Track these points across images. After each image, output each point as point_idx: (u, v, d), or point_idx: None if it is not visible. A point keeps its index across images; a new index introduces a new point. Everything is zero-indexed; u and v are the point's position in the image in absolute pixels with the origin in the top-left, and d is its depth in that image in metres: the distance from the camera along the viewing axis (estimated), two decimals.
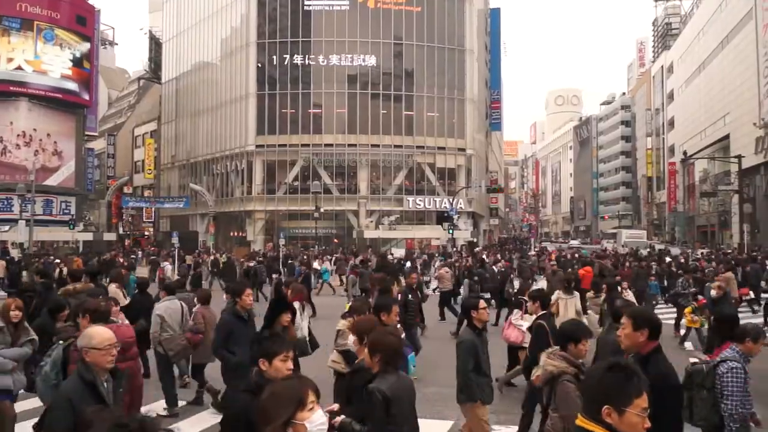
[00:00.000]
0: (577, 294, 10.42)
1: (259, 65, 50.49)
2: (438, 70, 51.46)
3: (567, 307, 9.98)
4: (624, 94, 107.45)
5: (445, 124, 51.68)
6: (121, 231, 53.20)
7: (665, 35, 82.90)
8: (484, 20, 63.92)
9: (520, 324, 8.73)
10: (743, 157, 43.19)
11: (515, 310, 9.30)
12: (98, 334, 3.87)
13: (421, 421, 4.18)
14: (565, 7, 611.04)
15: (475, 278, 16.63)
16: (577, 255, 31.29)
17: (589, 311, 10.65)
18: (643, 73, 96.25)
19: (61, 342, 5.16)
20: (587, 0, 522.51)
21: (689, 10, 71.90)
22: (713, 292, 11.93)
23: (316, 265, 26.53)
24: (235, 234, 53.44)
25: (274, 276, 23.03)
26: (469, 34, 53.27)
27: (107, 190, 54.83)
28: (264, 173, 50.67)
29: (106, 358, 3.78)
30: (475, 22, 55.10)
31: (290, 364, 3.49)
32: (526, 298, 8.81)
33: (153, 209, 58.48)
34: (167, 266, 24.45)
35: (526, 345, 7.83)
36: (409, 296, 11.05)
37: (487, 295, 15.68)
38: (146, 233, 59.38)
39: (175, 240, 31.07)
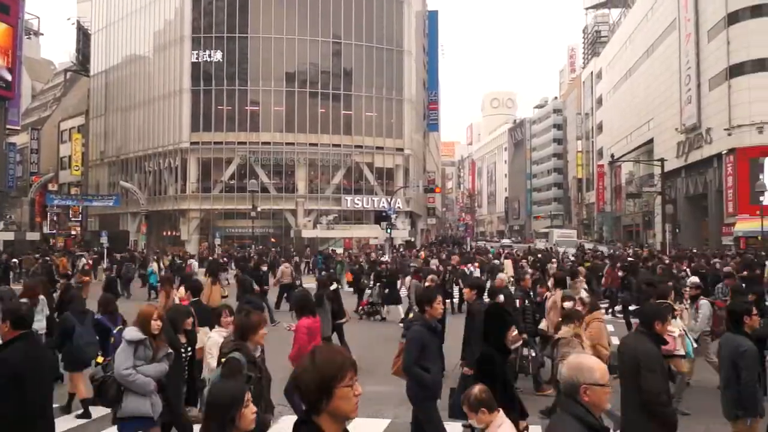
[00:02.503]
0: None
1: (194, 60, 49.29)
2: (376, 70, 51.69)
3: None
4: (556, 98, 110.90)
5: (384, 124, 51.98)
6: (45, 230, 50.80)
7: (595, 42, 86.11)
8: (422, 22, 64.62)
9: (672, 331, 7.61)
10: (666, 160, 45.44)
11: None
12: (599, 366, 2.97)
13: (359, 420, 4.21)
14: (501, 12, 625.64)
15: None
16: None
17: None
18: (573, 79, 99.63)
19: (221, 361, 4.57)
20: (522, 6, 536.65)
21: (617, 18, 74.93)
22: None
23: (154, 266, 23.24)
24: (169, 233, 52.00)
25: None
26: (407, 35, 53.76)
27: (30, 188, 52.20)
28: (199, 171, 49.50)
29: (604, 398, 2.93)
30: (413, 24, 55.65)
31: None
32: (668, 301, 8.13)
33: (80, 207, 56.06)
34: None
35: (679, 352, 7.37)
36: (526, 302, 9.95)
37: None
38: (73, 232, 56.87)
39: (104, 239, 29.99)
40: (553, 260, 20.68)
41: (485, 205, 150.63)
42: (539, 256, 25.75)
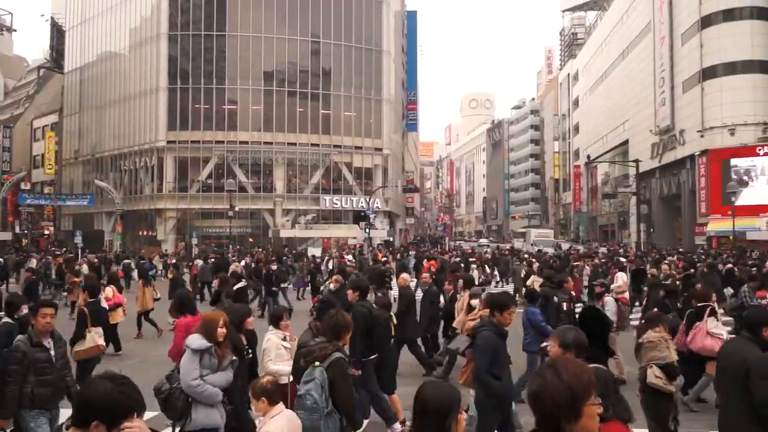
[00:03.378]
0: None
1: (170, 57, 48.78)
2: (355, 70, 51.64)
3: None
4: (533, 99, 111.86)
5: (362, 123, 51.95)
6: (17, 230, 49.91)
7: (571, 44, 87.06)
8: (400, 22, 64.71)
9: (720, 333, 7.69)
10: (640, 161, 46.19)
11: (710, 318, 7.89)
12: None
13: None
14: (479, 13, 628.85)
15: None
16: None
17: None
18: (550, 80, 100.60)
19: (317, 363, 4.33)
20: (501, 8, 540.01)
21: (594, 21, 75.88)
22: None
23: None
24: (145, 233, 51.38)
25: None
26: (386, 35, 53.80)
27: (2, 186, 51.19)
28: (176, 170, 48.98)
29: None
30: (392, 24, 55.71)
31: None
32: (712, 303, 8.16)
33: (54, 207, 55.17)
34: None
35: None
36: (563, 304, 9.57)
37: None
38: (46, 232, 55.93)
39: (78, 239, 29.53)
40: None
41: (463, 205, 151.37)
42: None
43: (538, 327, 8.20)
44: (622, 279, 15.07)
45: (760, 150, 38.70)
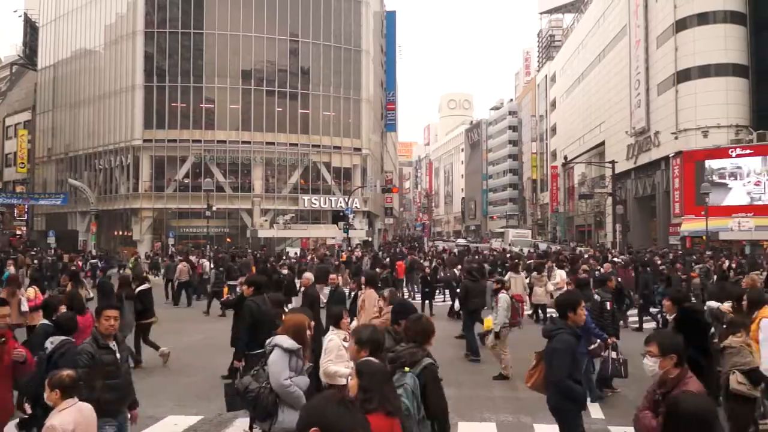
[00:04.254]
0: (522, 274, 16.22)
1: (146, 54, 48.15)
2: (334, 70, 51.51)
3: (516, 283, 14.69)
4: (512, 100, 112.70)
5: (341, 123, 51.85)
6: None
7: (549, 46, 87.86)
8: (380, 22, 64.71)
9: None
10: (616, 162, 46.71)
11: None
12: None
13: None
14: (458, 15, 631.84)
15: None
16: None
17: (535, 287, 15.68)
18: (528, 82, 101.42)
19: (407, 369, 4.13)
20: (479, 10, 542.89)
21: (571, 23, 76.63)
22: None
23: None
24: (120, 233, 50.68)
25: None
26: (365, 35, 53.76)
27: None
28: (152, 169, 48.37)
29: None
30: (371, 24, 55.68)
31: None
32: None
33: (26, 206, 54.10)
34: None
35: None
36: (606, 304, 9.44)
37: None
38: (18, 232, 54.84)
39: (51, 239, 29.01)
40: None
41: (442, 205, 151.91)
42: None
43: (588, 329, 7.90)
44: (560, 276, 16.17)
45: (732, 152, 39.43)
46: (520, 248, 39.11)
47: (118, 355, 5.12)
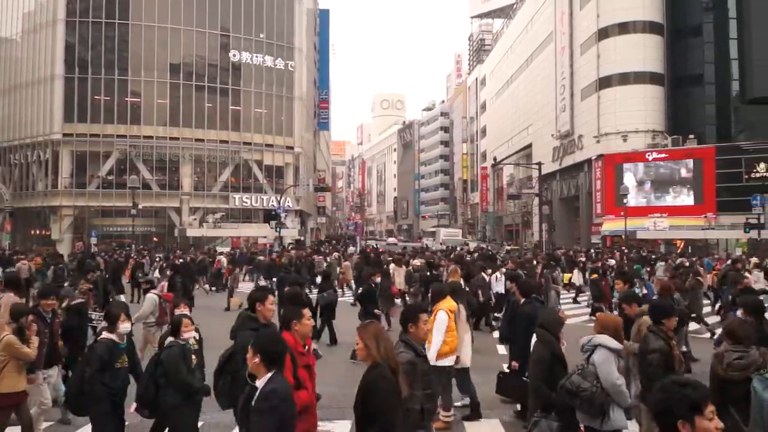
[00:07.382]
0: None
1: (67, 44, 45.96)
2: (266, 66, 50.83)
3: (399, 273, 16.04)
4: (443, 102, 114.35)
5: (273, 121, 51.23)
6: None
7: (480, 50, 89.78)
8: (313, 20, 64.30)
9: None
10: (543, 164, 48.18)
11: None
12: None
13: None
14: (392, 16, 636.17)
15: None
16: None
17: None
18: (460, 84, 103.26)
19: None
20: (413, 11, 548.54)
21: (500, 28, 78.51)
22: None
23: None
24: (37, 232, 48.18)
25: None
26: (298, 31, 53.31)
27: None
28: (73, 165, 46.23)
29: None
30: (304, 21, 55.26)
31: None
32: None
33: None
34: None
35: None
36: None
37: None
38: None
39: None
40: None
41: (375, 204, 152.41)
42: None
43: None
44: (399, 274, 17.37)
45: (649, 155, 41.56)
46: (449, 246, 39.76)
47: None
